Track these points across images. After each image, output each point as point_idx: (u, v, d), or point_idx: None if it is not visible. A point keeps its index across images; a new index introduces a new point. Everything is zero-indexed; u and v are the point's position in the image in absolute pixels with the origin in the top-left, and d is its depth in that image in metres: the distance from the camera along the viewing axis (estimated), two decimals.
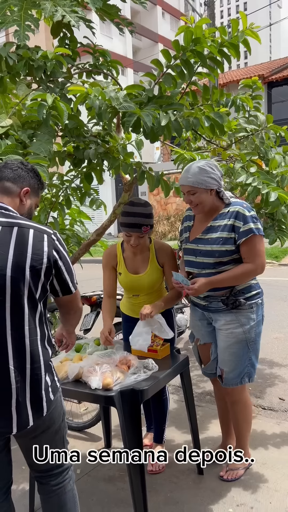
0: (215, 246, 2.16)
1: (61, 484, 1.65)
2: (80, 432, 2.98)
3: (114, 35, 25.97)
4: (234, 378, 2.26)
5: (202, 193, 2.15)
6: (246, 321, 2.21)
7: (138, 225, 2.25)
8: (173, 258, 2.43)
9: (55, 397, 1.56)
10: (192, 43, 2.31)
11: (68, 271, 1.54)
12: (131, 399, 1.85)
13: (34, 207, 1.69)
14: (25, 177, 1.63)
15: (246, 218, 2.12)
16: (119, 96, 2.24)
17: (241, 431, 2.40)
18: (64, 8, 2.26)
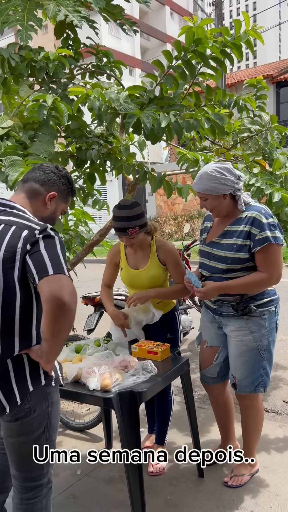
0: (228, 253, 2.11)
1: (31, 500, 1.56)
2: (82, 432, 2.98)
3: (122, 35, 25.97)
4: (248, 385, 2.21)
5: (213, 199, 2.10)
6: (257, 329, 2.14)
7: (124, 229, 2.27)
8: (173, 256, 2.42)
9: (34, 397, 1.48)
10: (194, 44, 2.30)
11: (51, 256, 1.38)
12: (130, 401, 1.84)
13: (59, 212, 1.70)
14: (55, 182, 1.63)
15: (263, 225, 2.03)
16: (120, 97, 2.24)
17: (250, 438, 2.35)
18: (67, 8, 2.26)
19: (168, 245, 2.44)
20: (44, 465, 1.57)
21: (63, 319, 1.33)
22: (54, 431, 1.59)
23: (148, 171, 2.69)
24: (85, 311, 4.89)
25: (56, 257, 1.38)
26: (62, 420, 3.05)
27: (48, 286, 1.32)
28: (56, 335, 1.36)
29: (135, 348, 2.27)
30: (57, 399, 1.59)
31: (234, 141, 2.97)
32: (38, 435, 1.52)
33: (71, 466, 2.58)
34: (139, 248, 2.44)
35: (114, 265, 2.56)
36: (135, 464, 1.85)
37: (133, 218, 2.27)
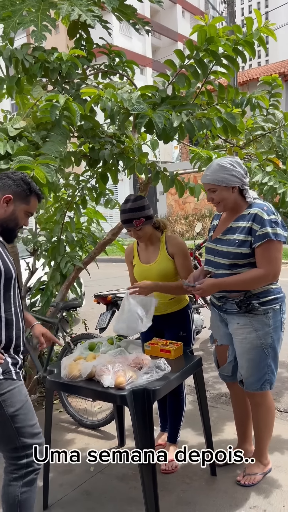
0: (230, 248, 2.13)
1: (10, 475, 1.74)
2: (94, 430, 3.00)
3: (134, 34, 25.97)
4: (254, 383, 2.21)
5: (222, 190, 2.12)
6: (260, 327, 2.15)
7: (129, 220, 2.35)
8: (182, 249, 2.44)
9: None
10: (206, 42, 2.30)
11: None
12: (143, 398, 1.86)
13: (22, 213, 1.82)
14: (10, 185, 1.78)
15: (264, 221, 2.05)
16: (132, 97, 2.25)
17: (261, 436, 2.34)
18: (80, 7, 2.27)
19: (177, 239, 2.48)
20: (19, 449, 1.72)
21: None
22: (21, 420, 1.72)
23: (160, 170, 2.70)
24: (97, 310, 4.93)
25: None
26: (75, 417, 3.08)
27: None
28: None
29: (148, 346, 2.28)
30: (9, 390, 1.71)
31: (247, 139, 2.96)
32: (1, 422, 1.69)
33: (84, 462, 2.60)
34: (150, 243, 2.49)
35: (130, 263, 2.62)
36: (149, 461, 1.86)
37: (137, 210, 2.34)
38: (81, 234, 3.55)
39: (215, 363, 2.51)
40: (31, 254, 3.63)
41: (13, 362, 1.75)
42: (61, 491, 2.35)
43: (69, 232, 3.41)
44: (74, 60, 2.40)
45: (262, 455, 2.37)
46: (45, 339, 2.06)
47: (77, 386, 2.00)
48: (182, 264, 2.44)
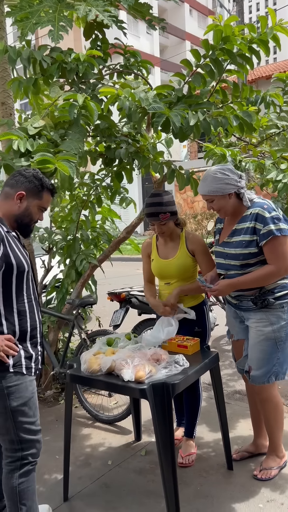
0: (238, 249, 2.19)
1: (7, 467, 1.79)
2: (111, 425, 3.05)
3: (141, 33, 26.00)
4: (261, 376, 2.26)
5: (219, 199, 2.19)
6: (276, 320, 2.20)
7: (156, 213, 2.39)
8: (202, 246, 2.50)
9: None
10: (222, 42, 2.32)
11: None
12: (163, 392, 1.89)
13: (35, 208, 1.88)
14: (22, 182, 1.85)
15: (266, 219, 2.10)
16: (149, 97, 2.28)
17: (272, 430, 2.38)
18: (97, 8, 2.31)
19: (197, 236, 2.53)
20: (15, 442, 1.77)
21: None
22: (21, 415, 1.76)
23: (176, 169, 2.73)
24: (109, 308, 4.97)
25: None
26: (91, 413, 3.13)
27: None
28: None
29: (165, 342, 2.32)
30: (17, 384, 1.75)
31: (261, 137, 2.98)
32: (2, 413, 1.74)
33: (102, 456, 2.65)
34: (170, 239, 2.54)
35: (147, 256, 2.66)
36: (169, 454, 1.89)
37: (165, 204, 2.39)
38: (96, 232, 3.59)
39: (232, 357, 2.56)
40: (46, 252, 3.68)
41: (27, 356, 1.78)
42: (80, 483, 2.39)
43: (84, 230, 3.45)
44: (91, 61, 2.44)
45: (277, 448, 2.40)
46: None
47: (97, 379, 2.05)
48: (203, 260, 2.50)
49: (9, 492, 1.78)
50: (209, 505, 2.17)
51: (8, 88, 3.26)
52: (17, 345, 1.76)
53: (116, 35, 2.85)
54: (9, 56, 2.40)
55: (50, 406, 3.36)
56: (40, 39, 19.35)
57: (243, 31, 2.43)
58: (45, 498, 2.27)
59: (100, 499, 2.26)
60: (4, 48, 2.43)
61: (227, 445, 2.42)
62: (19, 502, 1.76)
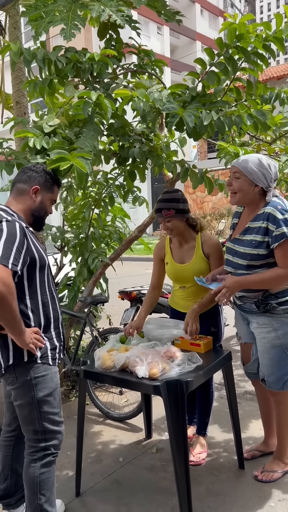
0: (247, 249, 2.12)
1: (30, 456, 1.84)
2: (121, 422, 3.06)
3: (152, 34, 26.01)
4: (275, 382, 2.22)
5: (245, 182, 2.09)
6: (280, 326, 2.14)
7: (160, 209, 2.40)
8: (218, 250, 2.44)
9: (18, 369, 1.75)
10: (236, 40, 2.32)
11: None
12: (176, 389, 1.90)
13: (48, 202, 1.97)
14: (35, 177, 1.93)
15: (278, 221, 2.02)
16: (163, 96, 2.29)
17: (283, 433, 2.34)
18: (110, 8, 2.33)
19: (213, 239, 2.47)
20: (39, 432, 1.82)
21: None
22: (47, 405, 1.81)
23: (190, 168, 2.74)
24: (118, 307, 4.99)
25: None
26: (102, 410, 3.15)
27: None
28: (3, 321, 1.64)
29: (178, 340, 2.32)
30: (44, 375, 1.81)
31: (275, 135, 2.97)
32: (27, 404, 1.79)
33: (113, 453, 2.67)
34: (184, 241, 2.49)
35: (160, 261, 2.60)
36: (182, 451, 1.90)
37: (170, 201, 2.39)
38: (108, 231, 3.61)
39: (241, 361, 2.53)
40: (58, 250, 3.71)
41: (52, 347, 1.84)
42: (92, 479, 2.41)
43: (96, 229, 3.47)
44: (105, 60, 2.46)
45: (284, 454, 2.36)
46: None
47: (111, 376, 2.06)
48: (216, 265, 2.42)
49: (29, 482, 1.81)
50: (221, 503, 2.17)
51: (23, 89, 3.30)
52: (43, 337, 1.82)
53: (129, 35, 2.87)
54: (24, 58, 2.43)
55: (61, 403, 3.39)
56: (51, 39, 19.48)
57: (257, 29, 2.43)
58: (58, 493, 2.28)
59: (111, 495, 2.28)
60: (19, 50, 2.46)
61: (238, 443, 2.42)
62: (39, 492, 1.80)
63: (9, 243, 1.65)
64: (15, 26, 3.47)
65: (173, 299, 2.64)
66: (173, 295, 2.66)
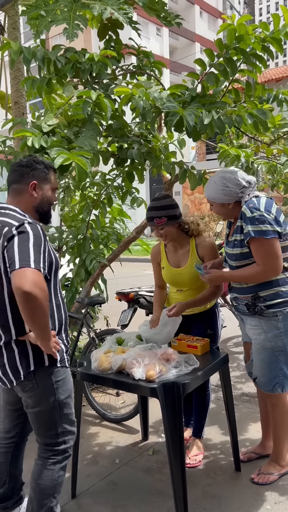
0: (232, 249, 2.17)
1: (47, 460, 1.80)
2: (118, 424, 3.05)
3: (151, 35, 26.05)
4: (265, 384, 2.22)
5: (217, 206, 2.20)
6: (269, 329, 2.14)
7: (151, 218, 2.38)
8: (212, 252, 2.45)
9: (38, 375, 1.71)
10: (236, 41, 2.32)
11: (21, 250, 1.54)
12: (173, 391, 1.90)
13: (50, 192, 1.86)
14: (28, 173, 1.80)
15: (247, 219, 2.05)
16: (163, 96, 2.29)
17: (278, 437, 2.33)
18: (112, 7, 2.32)
19: (207, 241, 2.47)
20: (60, 434, 1.80)
21: (28, 307, 1.51)
22: (66, 407, 1.80)
23: (188, 169, 2.73)
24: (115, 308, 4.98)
25: (26, 251, 1.55)
26: (98, 411, 3.14)
27: (13, 279, 1.51)
28: (32, 322, 1.56)
29: (174, 342, 2.32)
30: (63, 377, 1.79)
31: (273, 136, 2.97)
32: (49, 408, 1.75)
33: (109, 455, 2.66)
34: (179, 246, 2.48)
35: (157, 264, 2.62)
36: (178, 453, 1.90)
37: (160, 208, 2.37)
38: (106, 232, 3.60)
39: (244, 359, 2.54)
40: (56, 251, 3.70)
41: (66, 349, 1.83)
42: (88, 481, 2.40)
43: (94, 230, 3.47)
44: (105, 61, 2.45)
45: (280, 456, 2.34)
46: None
47: (107, 378, 2.05)
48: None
49: (46, 485, 1.78)
50: (217, 505, 2.17)
51: (21, 87, 3.29)
52: (59, 341, 1.79)
53: (129, 36, 2.87)
54: (24, 57, 2.42)
55: None
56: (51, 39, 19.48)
57: (256, 30, 2.42)
58: None
59: (108, 497, 2.27)
60: (19, 49, 2.46)
61: (235, 446, 2.42)
62: (53, 495, 1.78)
63: (37, 247, 1.59)
64: (14, 26, 3.46)
65: (170, 302, 2.64)
66: (170, 297, 2.65)
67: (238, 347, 4.61)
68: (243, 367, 4.03)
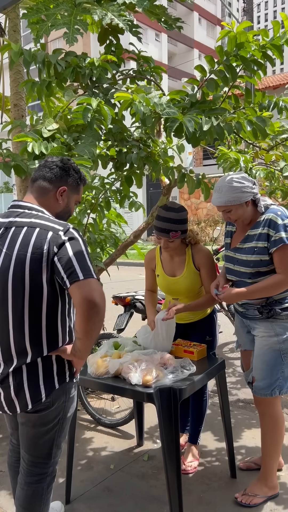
0: (250, 256, 2.13)
1: (34, 485, 1.65)
2: (113, 429, 3.03)
3: (150, 41, 26.22)
4: (264, 388, 2.18)
5: (238, 208, 2.12)
6: (282, 331, 2.14)
7: (167, 230, 2.29)
8: (208, 261, 2.43)
9: (56, 392, 1.57)
10: (236, 48, 2.33)
11: (79, 259, 1.45)
12: (169, 397, 1.89)
13: (73, 203, 1.73)
14: (62, 176, 1.66)
15: (278, 226, 2.04)
16: (162, 102, 2.29)
17: (267, 452, 2.21)
18: (112, 13, 2.33)
19: (204, 250, 2.44)
20: (53, 454, 1.66)
21: (95, 319, 1.44)
22: (67, 422, 1.68)
23: (187, 173, 2.74)
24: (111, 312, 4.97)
25: (83, 260, 1.46)
26: (94, 416, 3.12)
27: (79, 291, 1.42)
28: (89, 334, 1.47)
29: (172, 347, 2.31)
30: (74, 394, 1.68)
31: (272, 143, 2.99)
32: (52, 426, 1.61)
33: (104, 460, 2.64)
34: (175, 254, 2.45)
35: (151, 270, 2.60)
36: (174, 459, 1.89)
37: (178, 222, 2.30)
38: (104, 235, 3.59)
39: (241, 368, 2.51)
40: None
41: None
42: (83, 487, 2.38)
43: (91, 233, 3.46)
44: (105, 66, 2.46)
45: (268, 476, 2.23)
46: None
47: (103, 382, 2.04)
48: (207, 275, 2.40)
49: (35, 503, 1.65)
50: None
51: (20, 89, 3.29)
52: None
53: (129, 41, 2.88)
54: (24, 59, 2.42)
55: None
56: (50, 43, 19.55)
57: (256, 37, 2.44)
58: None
59: (102, 503, 2.25)
60: (20, 51, 2.46)
61: (231, 452, 2.40)
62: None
63: (88, 254, 1.49)
64: (14, 29, 3.46)
65: (164, 308, 2.63)
66: (165, 305, 2.64)
67: (234, 352, 4.61)
68: (239, 373, 4.02)
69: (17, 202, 1.64)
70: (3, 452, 2.74)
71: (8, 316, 1.51)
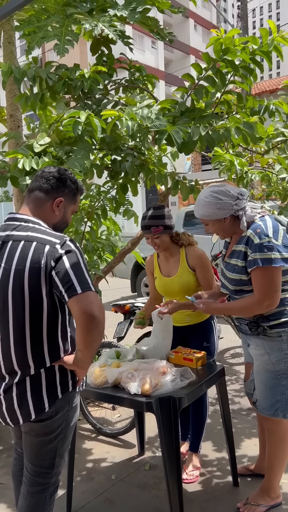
0: (231, 274, 2.06)
1: (36, 495, 1.64)
2: (114, 438, 3.01)
3: (147, 48, 26.42)
4: (266, 408, 2.08)
5: (214, 223, 2.07)
6: (272, 351, 2.03)
7: (148, 226, 2.42)
8: (202, 261, 2.46)
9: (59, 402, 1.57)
10: (222, 53, 2.34)
11: (76, 273, 1.45)
12: (169, 406, 1.87)
13: (70, 213, 1.73)
14: (59, 187, 1.66)
15: (255, 246, 1.92)
16: (152, 112, 2.29)
17: (272, 467, 2.16)
18: (103, 23, 2.35)
19: (197, 250, 2.49)
20: (56, 464, 1.65)
21: (94, 332, 1.44)
22: (70, 431, 1.68)
23: (180, 180, 2.74)
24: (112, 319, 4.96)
25: (81, 273, 1.46)
26: (94, 426, 3.09)
27: (78, 305, 1.42)
28: (90, 346, 1.48)
29: (171, 354, 2.30)
30: (77, 403, 1.68)
31: (267, 146, 2.99)
32: (56, 435, 1.61)
33: (105, 471, 2.62)
34: (170, 255, 2.52)
35: (151, 275, 2.66)
36: (175, 469, 1.87)
37: (158, 218, 2.42)
38: (101, 243, 3.60)
39: (244, 378, 2.47)
40: None
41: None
42: (84, 498, 2.36)
43: (89, 242, 3.46)
44: (96, 77, 2.47)
45: (271, 488, 2.18)
46: None
47: (103, 392, 2.03)
48: (203, 276, 2.45)
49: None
50: None
51: (15, 102, 3.31)
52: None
53: (123, 50, 2.90)
54: (14, 77, 2.44)
55: None
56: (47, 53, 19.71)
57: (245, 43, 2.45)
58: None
59: None
60: (9, 70, 2.47)
61: (233, 461, 2.38)
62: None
63: (85, 266, 1.48)
64: (9, 40, 3.49)
65: None
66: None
67: (235, 358, 4.58)
68: (241, 380, 3.99)
69: (13, 215, 1.64)
70: (3, 464, 2.72)
71: (9, 330, 1.53)
